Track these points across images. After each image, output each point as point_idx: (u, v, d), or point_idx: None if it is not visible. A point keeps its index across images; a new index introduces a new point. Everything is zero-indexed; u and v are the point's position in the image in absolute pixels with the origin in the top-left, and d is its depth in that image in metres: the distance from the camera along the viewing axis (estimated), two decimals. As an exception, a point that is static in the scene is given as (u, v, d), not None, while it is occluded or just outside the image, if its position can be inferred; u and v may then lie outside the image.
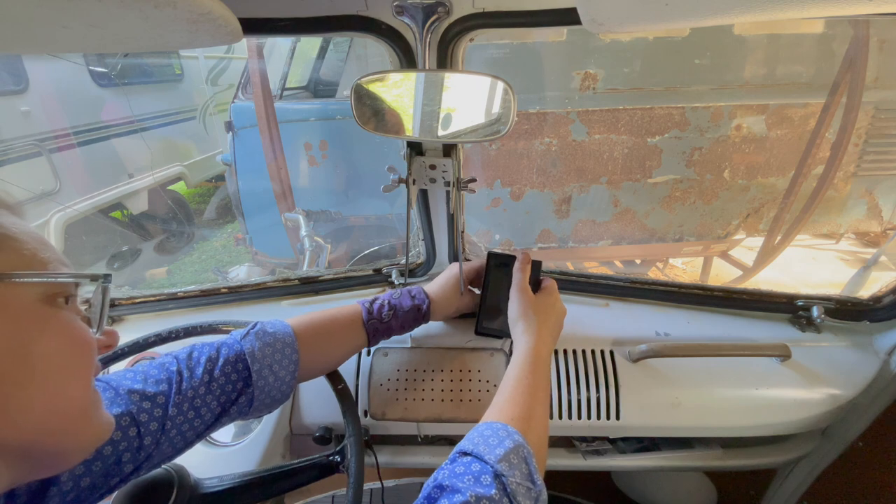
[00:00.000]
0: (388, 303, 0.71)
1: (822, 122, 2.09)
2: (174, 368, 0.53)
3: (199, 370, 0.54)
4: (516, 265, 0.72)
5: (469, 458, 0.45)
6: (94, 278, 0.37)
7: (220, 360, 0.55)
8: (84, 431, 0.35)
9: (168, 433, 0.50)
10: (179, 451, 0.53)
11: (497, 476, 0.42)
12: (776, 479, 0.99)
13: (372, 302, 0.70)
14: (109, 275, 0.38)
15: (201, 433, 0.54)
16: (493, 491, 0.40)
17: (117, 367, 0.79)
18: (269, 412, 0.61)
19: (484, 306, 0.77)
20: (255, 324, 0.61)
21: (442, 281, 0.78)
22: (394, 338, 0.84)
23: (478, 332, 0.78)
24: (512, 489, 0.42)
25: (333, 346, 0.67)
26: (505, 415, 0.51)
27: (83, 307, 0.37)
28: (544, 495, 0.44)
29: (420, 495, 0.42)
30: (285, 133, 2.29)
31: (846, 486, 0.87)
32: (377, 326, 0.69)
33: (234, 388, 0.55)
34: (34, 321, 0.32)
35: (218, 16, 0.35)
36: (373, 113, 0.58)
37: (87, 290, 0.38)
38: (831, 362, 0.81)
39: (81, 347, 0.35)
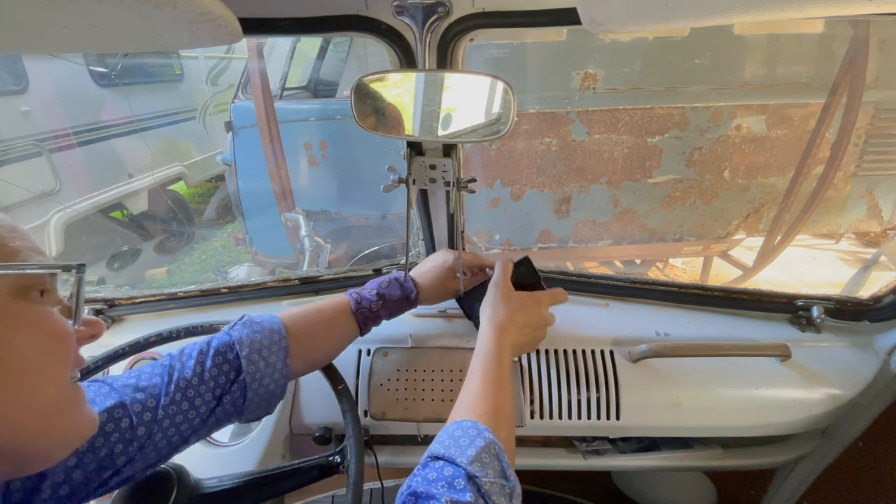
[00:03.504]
0: (377, 292, 0.71)
1: (822, 122, 2.09)
2: (167, 363, 0.54)
3: (191, 363, 0.54)
4: (497, 264, 0.72)
5: (441, 462, 0.44)
6: (66, 268, 0.35)
7: (211, 352, 0.55)
8: (63, 429, 0.34)
9: (161, 423, 0.49)
10: (174, 446, 0.52)
11: (470, 478, 0.42)
12: (776, 479, 0.99)
13: (360, 291, 0.71)
14: (83, 265, 0.36)
15: (197, 427, 0.53)
16: (469, 496, 0.40)
17: (117, 367, 0.79)
18: (267, 410, 0.60)
19: (481, 291, 0.75)
20: (243, 315, 0.61)
21: (429, 266, 0.78)
22: (394, 337, 0.84)
23: (457, 299, 0.79)
24: (486, 489, 0.41)
25: (324, 333, 0.66)
26: (474, 411, 0.51)
27: (65, 296, 0.36)
28: (518, 489, 0.44)
29: (396, 502, 0.42)
30: (285, 133, 2.29)
31: (846, 486, 0.87)
32: (366, 315, 0.68)
33: (227, 379, 0.55)
34: (4, 316, 0.30)
35: (218, 16, 0.35)
36: (373, 113, 0.58)
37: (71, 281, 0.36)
38: (831, 362, 0.81)
39: (58, 342, 0.33)
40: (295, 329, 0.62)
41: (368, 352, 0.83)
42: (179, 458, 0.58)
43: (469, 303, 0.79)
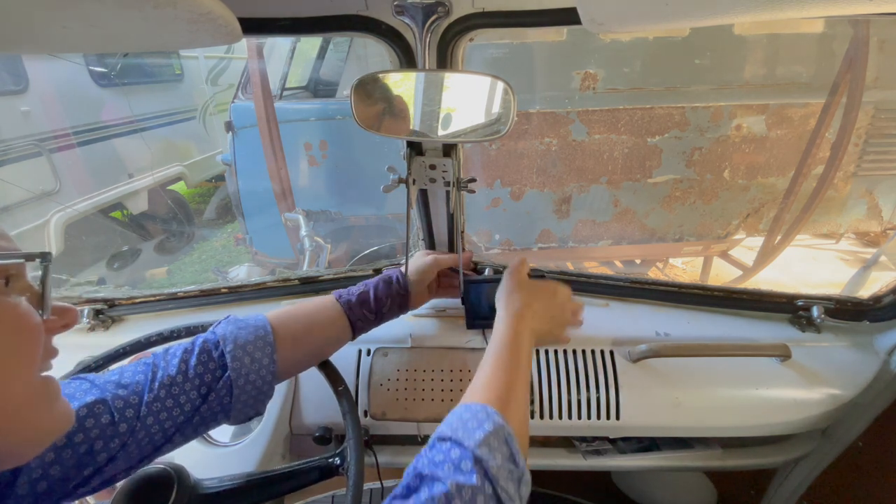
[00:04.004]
0: (361, 283, 0.71)
1: (822, 122, 2.09)
2: (150, 362, 0.53)
3: (176, 360, 0.53)
4: (513, 260, 0.71)
5: (448, 443, 0.43)
6: (29, 258, 0.33)
7: (196, 350, 0.55)
8: (34, 425, 0.33)
9: (144, 420, 0.49)
10: (158, 445, 0.51)
11: (477, 461, 0.40)
12: (776, 479, 0.99)
13: (344, 288, 0.71)
14: (49, 253, 0.33)
15: (181, 426, 0.52)
16: (475, 479, 0.39)
17: (118, 366, 0.79)
18: (256, 410, 0.59)
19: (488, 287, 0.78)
20: (229, 315, 0.61)
21: (411, 261, 0.79)
22: (394, 337, 0.84)
23: (463, 293, 0.80)
24: (493, 474, 0.40)
25: (311, 328, 0.65)
26: (484, 396, 0.49)
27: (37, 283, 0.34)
28: (527, 476, 0.44)
29: (400, 484, 0.41)
30: (285, 133, 2.29)
31: (846, 486, 0.87)
32: (351, 302, 0.68)
33: (212, 377, 0.54)
34: None
35: (218, 16, 0.35)
36: (373, 113, 0.58)
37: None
38: (831, 362, 0.81)
39: (22, 336, 0.31)
40: (280, 325, 0.61)
41: (368, 352, 0.83)
42: (180, 459, 0.58)
43: (475, 298, 0.79)
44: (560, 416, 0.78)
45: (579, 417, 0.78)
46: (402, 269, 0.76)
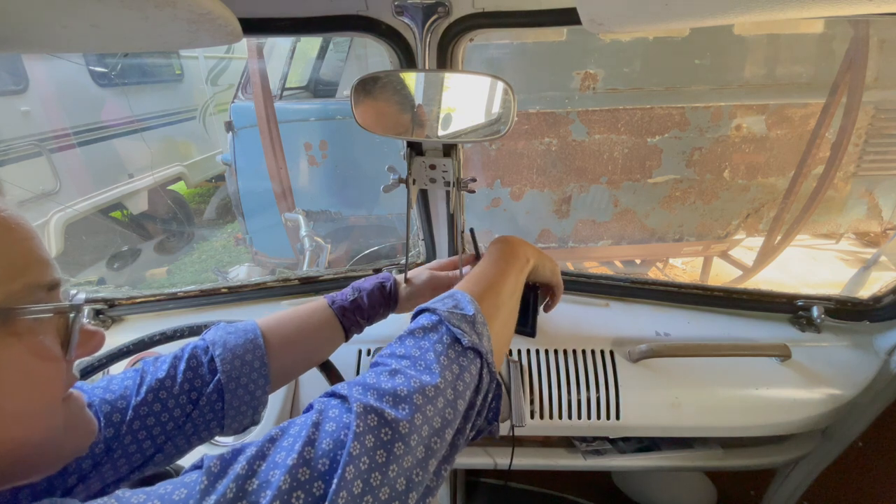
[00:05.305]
0: (352, 287, 0.70)
1: (822, 122, 2.09)
2: (139, 369, 0.52)
3: (165, 366, 0.52)
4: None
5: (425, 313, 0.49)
6: (59, 311, 0.32)
7: (185, 356, 0.54)
8: (62, 445, 0.34)
9: (131, 425, 0.48)
10: (147, 455, 0.49)
11: (427, 309, 0.47)
12: (776, 479, 0.99)
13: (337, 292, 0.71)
14: (79, 305, 0.34)
15: (171, 434, 0.50)
16: (431, 318, 0.46)
17: (119, 365, 0.79)
18: (253, 418, 0.57)
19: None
20: (219, 322, 0.61)
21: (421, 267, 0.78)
22: (394, 337, 0.84)
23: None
24: (445, 316, 0.45)
25: (301, 332, 0.63)
26: (465, 286, 0.52)
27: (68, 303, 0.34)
28: (480, 318, 0.46)
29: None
30: (285, 133, 2.29)
31: (846, 486, 0.87)
32: (343, 305, 0.67)
33: (202, 382, 0.53)
34: None
35: (218, 16, 0.35)
36: (373, 113, 0.58)
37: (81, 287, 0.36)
38: (831, 362, 0.81)
39: (43, 373, 0.32)
40: (270, 330, 0.60)
41: (369, 352, 0.83)
42: (181, 459, 0.58)
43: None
44: (560, 416, 0.78)
45: (579, 417, 0.78)
46: (401, 269, 0.75)
